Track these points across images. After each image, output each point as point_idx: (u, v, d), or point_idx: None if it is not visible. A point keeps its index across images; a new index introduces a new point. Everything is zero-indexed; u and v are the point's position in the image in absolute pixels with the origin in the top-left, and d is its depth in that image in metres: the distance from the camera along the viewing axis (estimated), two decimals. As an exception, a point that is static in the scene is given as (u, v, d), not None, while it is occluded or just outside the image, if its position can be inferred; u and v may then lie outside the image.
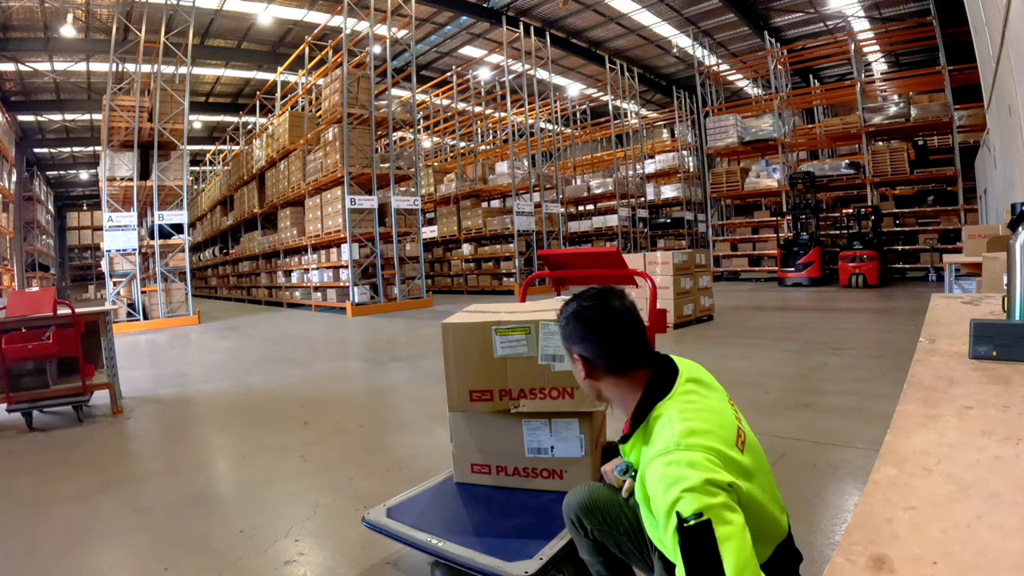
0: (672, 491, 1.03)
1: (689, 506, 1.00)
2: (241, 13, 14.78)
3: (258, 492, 2.79)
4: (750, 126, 15.15)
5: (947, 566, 0.44)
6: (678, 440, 1.08)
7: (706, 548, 0.98)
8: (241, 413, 4.37)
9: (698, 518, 0.99)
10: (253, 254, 17.04)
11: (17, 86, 17.09)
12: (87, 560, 2.21)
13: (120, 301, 10.66)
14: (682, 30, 17.06)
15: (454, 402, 2.07)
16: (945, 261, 5.34)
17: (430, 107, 20.18)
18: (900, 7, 15.25)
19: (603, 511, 1.42)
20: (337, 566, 2.08)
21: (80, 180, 27.38)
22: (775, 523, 1.20)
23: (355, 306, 11.23)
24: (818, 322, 7.42)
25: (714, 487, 1.02)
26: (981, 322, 1.05)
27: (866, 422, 3.26)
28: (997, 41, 4.39)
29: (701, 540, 0.99)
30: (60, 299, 4.28)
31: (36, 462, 3.39)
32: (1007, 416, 0.75)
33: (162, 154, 11.05)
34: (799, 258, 12.31)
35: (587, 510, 1.43)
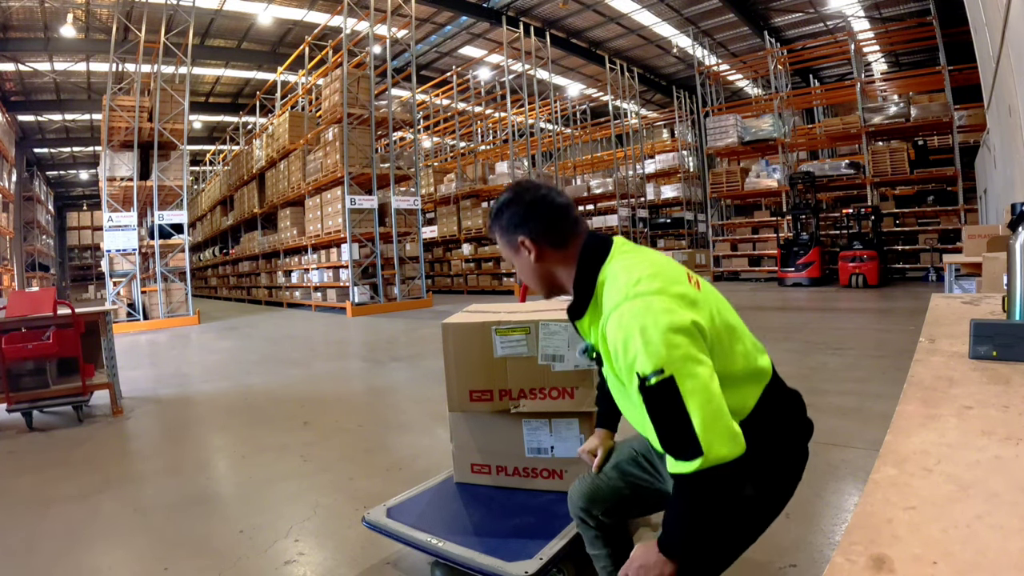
0: (631, 348, 0.99)
1: (649, 364, 0.97)
2: (241, 13, 14.78)
3: (258, 492, 2.79)
4: (750, 126, 15.14)
5: (947, 566, 0.44)
6: (627, 291, 1.04)
7: (671, 405, 0.96)
8: (241, 413, 4.37)
9: (659, 375, 0.96)
10: (253, 254, 17.04)
11: (17, 86, 17.09)
12: (87, 560, 2.21)
13: (120, 301, 10.66)
14: (682, 30, 17.06)
15: (454, 402, 2.07)
16: (945, 261, 5.34)
17: (430, 107, 20.17)
18: (900, 7, 15.25)
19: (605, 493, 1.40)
20: (337, 566, 2.08)
21: (80, 180, 27.37)
22: (752, 361, 1.13)
23: (355, 306, 11.22)
24: (818, 322, 7.42)
25: (675, 334, 0.98)
26: (981, 322, 1.05)
27: (866, 422, 3.26)
28: (997, 41, 4.39)
29: (665, 397, 0.96)
30: (60, 299, 4.28)
31: (36, 462, 3.39)
32: (1007, 416, 0.75)
33: (162, 154, 11.05)
34: (799, 258, 12.30)
35: (591, 499, 1.42)
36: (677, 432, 0.96)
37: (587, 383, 1.94)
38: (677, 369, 0.96)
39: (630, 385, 1.03)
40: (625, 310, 1.02)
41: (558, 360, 1.95)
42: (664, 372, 0.96)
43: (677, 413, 0.95)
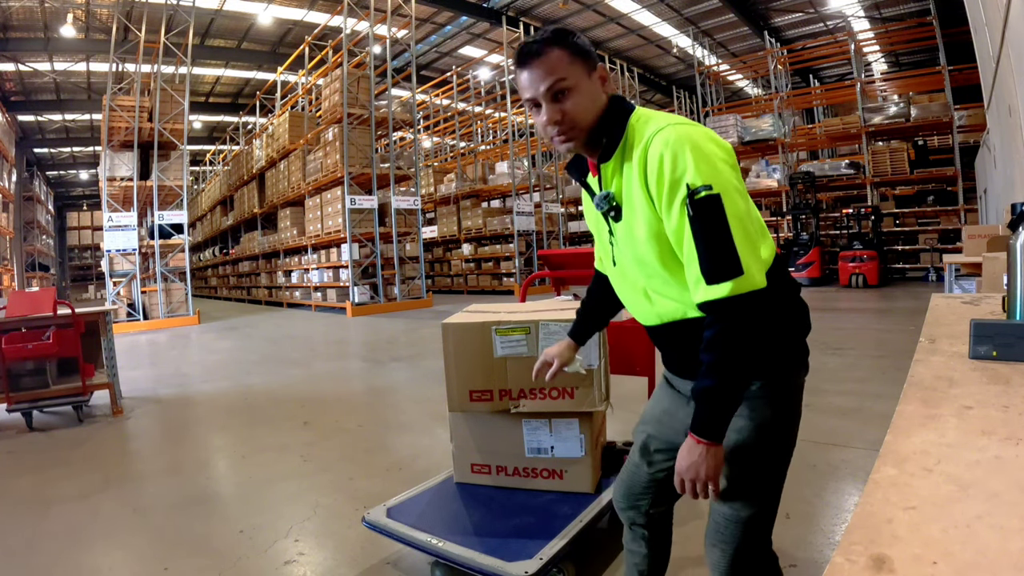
0: (681, 162, 0.97)
1: (698, 174, 0.96)
2: (241, 13, 14.78)
3: (258, 492, 2.79)
4: (750, 126, 15.14)
5: (947, 566, 0.44)
6: (670, 121, 1.03)
7: (717, 221, 0.95)
8: (241, 413, 4.37)
9: (708, 190, 0.95)
10: (253, 254, 17.04)
11: (17, 86, 17.09)
12: (87, 560, 2.21)
13: (120, 301, 10.66)
14: (682, 30, 17.06)
15: (454, 402, 2.07)
16: (945, 261, 5.34)
17: (430, 107, 20.17)
18: (900, 7, 15.25)
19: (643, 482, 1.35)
20: (337, 566, 2.08)
21: (80, 180, 27.37)
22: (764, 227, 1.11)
23: (355, 306, 11.23)
24: (818, 322, 7.38)
25: (722, 162, 0.99)
26: (981, 322, 1.05)
27: (866, 422, 3.26)
28: (997, 41, 4.39)
29: (712, 212, 0.95)
30: (60, 299, 4.28)
31: (36, 462, 3.39)
32: (1007, 416, 0.75)
33: (162, 154, 11.05)
34: (799, 258, 12.30)
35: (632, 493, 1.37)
36: (719, 249, 0.95)
37: (587, 383, 1.94)
38: (724, 190, 0.96)
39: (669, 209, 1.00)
40: (672, 132, 1.01)
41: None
42: (712, 189, 0.95)
43: (721, 230, 0.95)
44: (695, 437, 1.02)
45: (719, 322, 0.99)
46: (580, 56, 1.08)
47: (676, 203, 0.98)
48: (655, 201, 1.02)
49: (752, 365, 1.02)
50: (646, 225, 1.05)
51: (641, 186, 1.04)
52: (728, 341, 0.98)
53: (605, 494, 2.02)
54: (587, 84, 1.08)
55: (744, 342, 0.98)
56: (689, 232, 0.98)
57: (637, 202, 1.06)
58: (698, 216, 0.96)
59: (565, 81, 1.05)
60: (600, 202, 1.13)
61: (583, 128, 1.08)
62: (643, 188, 1.03)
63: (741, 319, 0.97)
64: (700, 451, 1.02)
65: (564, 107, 1.06)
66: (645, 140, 1.03)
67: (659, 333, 1.20)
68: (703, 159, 0.97)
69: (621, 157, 1.08)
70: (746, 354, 0.99)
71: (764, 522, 1.15)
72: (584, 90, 1.07)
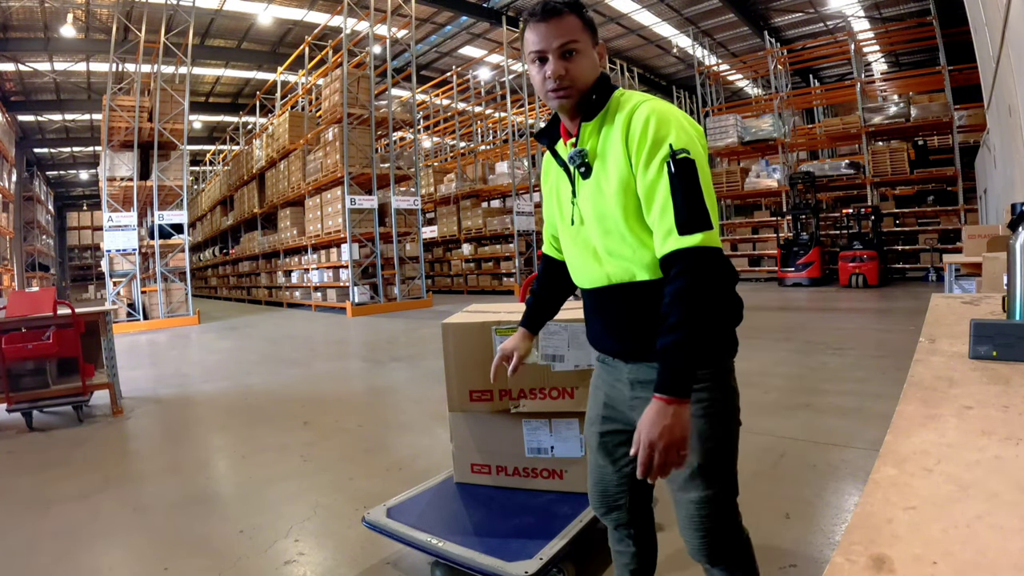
0: (664, 128, 1.08)
1: (679, 140, 1.07)
2: (241, 13, 14.78)
3: (258, 492, 2.79)
4: (750, 126, 15.14)
5: (947, 566, 0.44)
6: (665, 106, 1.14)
7: (691, 180, 1.06)
8: (241, 413, 4.37)
9: (687, 154, 1.06)
10: (253, 254, 17.04)
11: (17, 86, 17.09)
12: (87, 559, 2.21)
13: (120, 301, 10.66)
14: (682, 30, 17.05)
15: (454, 402, 2.07)
16: (945, 261, 5.34)
17: (430, 107, 20.17)
18: (900, 7, 15.25)
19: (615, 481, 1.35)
20: (337, 566, 2.08)
21: (80, 180, 27.37)
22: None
23: (355, 306, 11.23)
24: (818, 322, 7.42)
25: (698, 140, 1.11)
26: (981, 322, 1.05)
27: (866, 422, 3.26)
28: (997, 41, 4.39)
29: (688, 172, 1.06)
30: (60, 299, 4.28)
31: (36, 462, 3.39)
32: (1007, 416, 0.75)
33: (162, 154, 11.06)
34: (799, 258, 12.30)
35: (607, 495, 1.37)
36: (692, 204, 1.05)
37: (587, 383, 1.94)
38: (699, 159, 1.08)
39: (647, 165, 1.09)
40: (658, 104, 1.13)
41: (558, 360, 1.95)
42: (690, 155, 1.06)
43: (696, 188, 1.05)
44: (662, 397, 1.02)
45: (687, 273, 1.04)
46: (589, 28, 1.19)
47: (656, 159, 1.07)
48: (632, 157, 1.11)
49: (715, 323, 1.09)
50: (618, 179, 1.13)
51: (621, 142, 1.13)
52: (696, 292, 1.03)
53: (605, 494, 2.02)
54: (591, 52, 1.19)
55: (710, 295, 1.04)
56: (667, 186, 1.06)
57: (613, 158, 1.14)
58: (678, 173, 1.05)
59: (577, 43, 1.16)
60: (574, 156, 1.20)
61: (580, 89, 1.17)
62: (623, 144, 1.13)
63: (708, 271, 1.04)
64: (671, 411, 1.01)
65: (570, 65, 1.16)
66: (632, 106, 1.14)
67: (603, 297, 1.24)
68: (683, 131, 1.09)
69: (602, 121, 1.18)
70: (711, 309, 1.05)
71: (730, 499, 1.23)
72: (589, 56, 1.18)
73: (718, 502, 1.20)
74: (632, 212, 1.13)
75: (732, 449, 1.24)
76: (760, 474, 2.65)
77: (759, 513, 2.26)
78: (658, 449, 1.01)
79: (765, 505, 2.33)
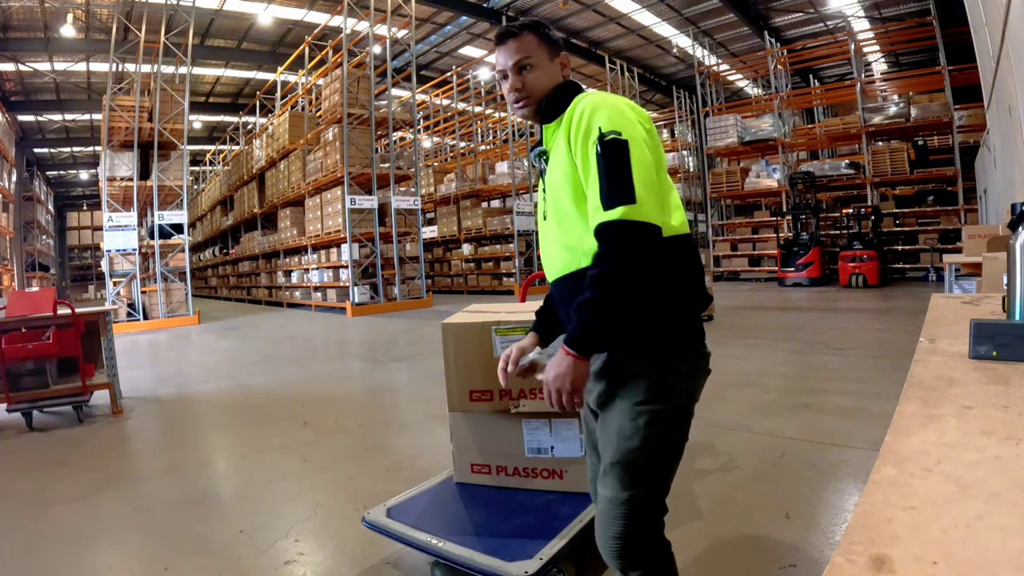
0: (599, 115, 1.15)
1: (610, 123, 1.13)
2: (241, 13, 14.78)
3: (258, 492, 2.79)
4: (750, 126, 15.14)
5: (947, 566, 0.44)
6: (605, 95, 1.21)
7: (620, 158, 1.09)
8: (241, 413, 4.37)
9: (617, 135, 1.11)
10: (253, 254, 17.04)
11: (17, 86, 17.08)
12: (87, 560, 2.21)
13: (120, 301, 10.66)
14: (682, 30, 17.05)
15: (454, 402, 2.07)
16: (945, 261, 5.33)
17: (430, 107, 20.17)
18: (900, 7, 15.24)
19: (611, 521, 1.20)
20: (337, 566, 2.08)
21: (80, 180, 27.36)
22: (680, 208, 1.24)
23: (355, 306, 11.22)
24: (818, 322, 7.42)
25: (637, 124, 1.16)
26: (981, 322, 1.05)
27: (866, 422, 3.26)
28: (997, 41, 4.39)
29: (617, 151, 1.10)
30: (60, 299, 4.28)
31: (36, 462, 3.39)
32: (1007, 416, 0.75)
33: (162, 154, 11.05)
34: (799, 258, 12.30)
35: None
36: (617, 180, 1.08)
37: (587, 383, 1.94)
38: (632, 138, 1.12)
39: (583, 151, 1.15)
40: (596, 96, 1.21)
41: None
42: (621, 135, 1.11)
43: (623, 166, 1.09)
44: (566, 348, 1.11)
45: (607, 241, 1.08)
46: (546, 43, 1.31)
47: (588, 144, 1.14)
48: (572, 148, 1.19)
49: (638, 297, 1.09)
50: (562, 170, 1.21)
51: (564, 137, 1.21)
52: (613, 260, 1.07)
53: (605, 494, 2.02)
54: (548, 65, 1.30)
55: (627, 266, 1.06)
56: (594, 167, 1.12)
57: (559, 152, 1.23)
58: (604, 153, 1.11)
59: (530, 59, 1.28)
60: (536, 155, 1.35)
61: (536, 98, 1.29)
62: (565, 138, 1.21)
63: (627, 243, 1.06)
64: (568, 363, 1.10)
65: (525, 79, 1.28)
66: (575, 103, 1.23)
67: (560, 288, 1.28)
68: (618, 114, 1.15)
69: (560, 122, 1.26)
70: (628, 280, 1.07)
71: (650, 506, 1.17)
72: (544, 69, 1.29)
73: (635, 505, 1.14)
74: (578, 201, 1.19)
75: (664, 455, 1.18)
76: (760, 474, 2.66)
77: (759, 513, 2.26)
78: (552, 390, 1.12)
79: (765, 505, 2.33)
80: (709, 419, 3.49)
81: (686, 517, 2.18)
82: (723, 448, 3.01)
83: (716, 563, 1.95)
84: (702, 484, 2.58)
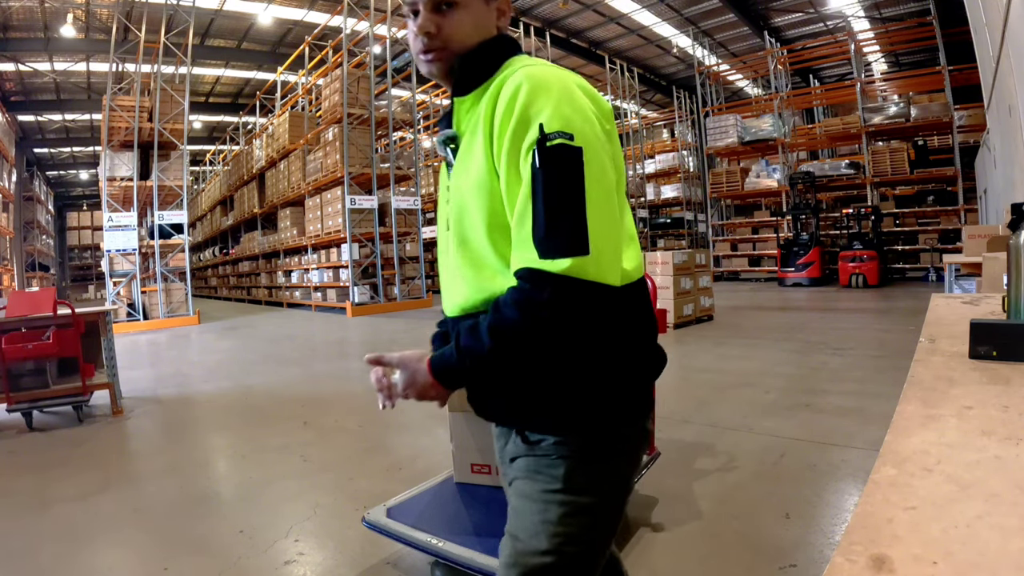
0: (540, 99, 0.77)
1: (558, 118, 0.76)
2: (241, 13, 14.78)
3: (258, 492, 2.79)
4: (750, 126, 15.14)
5: (947, 566, 0.44)
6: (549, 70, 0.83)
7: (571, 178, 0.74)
8: (241, 413, 4.37)
9: (566, 138, 0.75)
10: (253, 254, 17.04)
11: (17, 86, 17.08)
12: (87, 560, 2.21)
13: (120, 301, 10.66)
14: (682, 30, 17.05)
15: (454, 402, 2.07)
16: (945, 261, 5.34)
17: (430, 107, 20.17)
18: (900, 7, 15.24)
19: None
20: (337, 566, 2.08)
21: (80, 180, 27.37)
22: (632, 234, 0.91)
23: (355, 306, 11.23)
24: (818, 322, 7.42)
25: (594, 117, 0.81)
26: (981, 322, 1.05)
27: (866, 422, 3.26)
28: (997, 41, 4.39)
29: (566, 165, 0.74)
30: (60, 299, 4.28)
31: (36, 462, 3.39)
32: (1007, 416, 0.75)
33: (162, 154, 11.05)
34: (799, 258, 12.30)
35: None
36: (563, 214, 0.74)
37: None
38: (588, 144, 0.77)
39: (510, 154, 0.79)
40: (538, 70, 0.82)
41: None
42: (573, 140, 0.75)
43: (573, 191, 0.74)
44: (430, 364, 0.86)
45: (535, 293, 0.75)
46: None
47: (522, 148, 0.78)
48: (494, 144, 0.81)
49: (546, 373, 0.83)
50: (476, 173, 0.85)
51: (485, 124, 0.83)
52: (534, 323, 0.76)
53: (605, 494, 2.02)
54: (478, 6, 0.91)
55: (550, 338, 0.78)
56: (528, 185, 0.76)
57: (477, 144, 0.85)
58: (545, 167, 0.75)
59: None
60: (441, 142, 0.94)
61: (454, 51, 0.90)
62: (486, 127, 0.83)
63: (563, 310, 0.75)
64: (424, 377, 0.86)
65: (443, 20, 0.88)
66: (506, 73, 0.85)
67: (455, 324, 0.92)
68: (569, 102, 0.78)
69: (481, 95, 0.88)
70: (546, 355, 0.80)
71: None
72: (472, 11, 0.90)
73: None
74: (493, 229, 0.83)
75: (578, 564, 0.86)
76: (760, 474, 2.66)
77: (759, 513, 2.26)
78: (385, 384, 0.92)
79: (765, 505, 2.33)
80: (709, 419, 3.49)
81: (686, 517, 2.18)
82: (723, 448, 3.01)
83: (716, 563, 1.95)
84: (702, 484, 2.58)
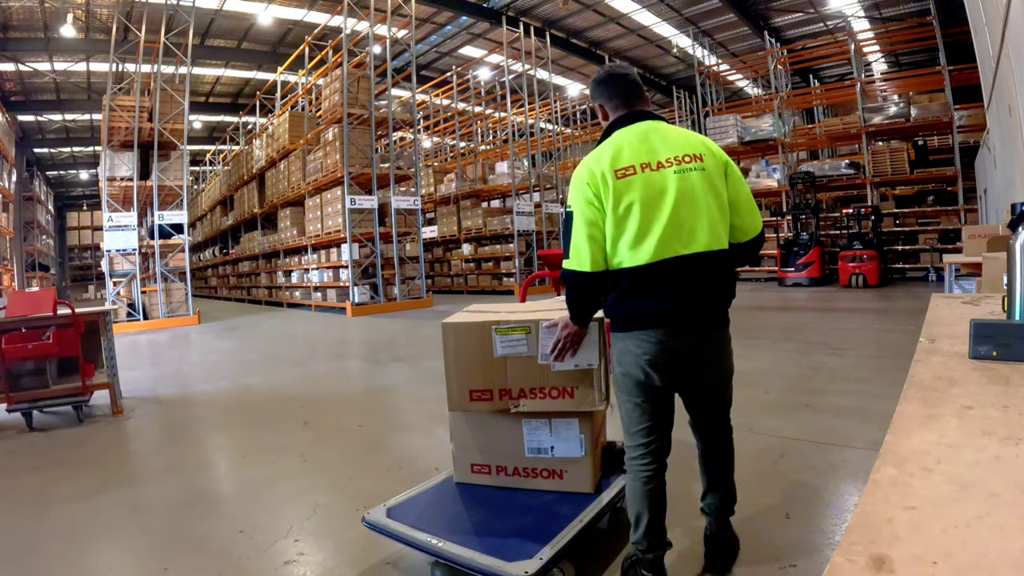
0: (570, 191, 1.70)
1: (570, 199, 1.70)
2: (241, 13, 14.78)
3: (258, 492, 2.79)
4: (750, 126, 15.13)
5: (947, 566, 0.44)
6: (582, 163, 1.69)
7: (568, 228, 1.67)
8: (241, 413, 4.37)
9: (568, 209, 1.69)
10: (253, 254, 17.04)
11: (17, 86, 17.08)
12: (87, 560, 2.21)
13: (120, 301, 10.66)
14: (682, 30, 17.05)
15: (454, 402, 2.07)
16: (945, 261, 5.33)
17: (430, 107, 20.17)
18: (900, 7, 15.24)
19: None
20: (337, 566, 2.08)
21: (80, 180, 27.36)
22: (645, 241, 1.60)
23: (355, 306, 11.22)
24: (818, 322, 7.42)
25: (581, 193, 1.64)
26: (981, 322, 1.05)
27: (866, 422, 3.26)
28: (997, 41, 4.39)
29: (568, 223, 1.68)
30: (60, 299, 4.28)
31: (36, 462, 3.39)
32: (1007, 416, 0.75)
33: (162, 154, 11.05)
34: (799, 258, 12.29)
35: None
36: (566, 243, 1.69)
37: (587, 383, 1.94)
38: (577, 209, 1.66)
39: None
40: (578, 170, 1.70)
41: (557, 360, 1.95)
42: (571, 208, 1.68)
43: (568, 232, 1.68)
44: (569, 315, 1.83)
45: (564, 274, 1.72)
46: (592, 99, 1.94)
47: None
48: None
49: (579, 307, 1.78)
50: None
51: None
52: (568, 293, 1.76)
53: (605, 494, 2.02)
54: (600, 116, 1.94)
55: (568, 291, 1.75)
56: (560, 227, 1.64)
57: None
58: (565, 222, 1.70)
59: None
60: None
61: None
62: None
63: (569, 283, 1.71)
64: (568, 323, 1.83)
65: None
66: None
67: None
68: (572, 190, 1.68)
69: None
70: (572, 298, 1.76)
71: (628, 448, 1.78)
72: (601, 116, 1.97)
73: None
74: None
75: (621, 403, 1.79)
76: (760, 474, 2.65)
77: (759, 513, 2.26)
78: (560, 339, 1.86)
79: (765, 505, 2.33)
80: (709, 419, 3.48)
81: (686, 517, 2.18)
82: (723, 448, 3.00)
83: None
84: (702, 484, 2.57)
